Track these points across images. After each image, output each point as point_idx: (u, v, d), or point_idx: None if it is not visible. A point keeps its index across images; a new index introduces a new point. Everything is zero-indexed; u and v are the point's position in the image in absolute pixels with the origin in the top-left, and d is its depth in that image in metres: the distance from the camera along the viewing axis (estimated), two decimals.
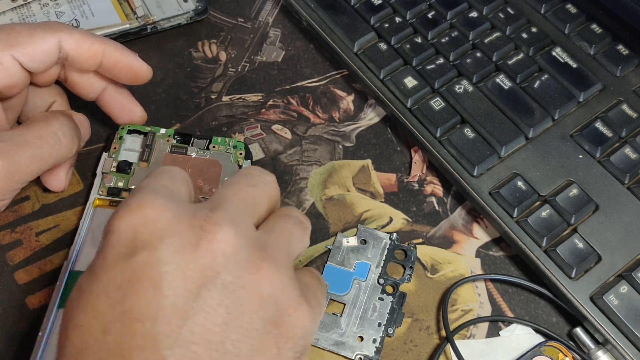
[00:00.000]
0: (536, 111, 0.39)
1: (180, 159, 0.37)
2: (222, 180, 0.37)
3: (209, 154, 0.38)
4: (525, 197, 0.35)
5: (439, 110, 0.39)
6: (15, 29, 0.32)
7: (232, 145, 0.38)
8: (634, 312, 0.32)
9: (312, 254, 0.37)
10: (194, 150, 0.38)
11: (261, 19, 0.48)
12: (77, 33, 0.33)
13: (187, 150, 0.38)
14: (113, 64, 0.35)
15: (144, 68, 0.36)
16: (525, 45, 0.42)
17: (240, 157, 0.38)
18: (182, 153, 0.38)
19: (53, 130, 0.32)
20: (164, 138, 0.38)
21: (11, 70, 0.31)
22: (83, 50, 0.33)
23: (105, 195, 0.36)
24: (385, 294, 0.35)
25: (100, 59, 0.34)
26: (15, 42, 0.31)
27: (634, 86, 0.40)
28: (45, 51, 0.32)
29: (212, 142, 0.38)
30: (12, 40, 0.31)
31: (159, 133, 0.38)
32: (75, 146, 0.34)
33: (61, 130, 0.32)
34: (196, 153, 0.38)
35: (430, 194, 0.39)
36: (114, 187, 0.37)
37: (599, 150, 0.37)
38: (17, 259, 0.36)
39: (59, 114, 0.34)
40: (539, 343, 0.33)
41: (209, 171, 0.37)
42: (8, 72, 0.31)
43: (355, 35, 0.43)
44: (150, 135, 0.38)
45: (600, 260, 0.34)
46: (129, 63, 0.35)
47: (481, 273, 0.36)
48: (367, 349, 0.33)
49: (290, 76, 0.44)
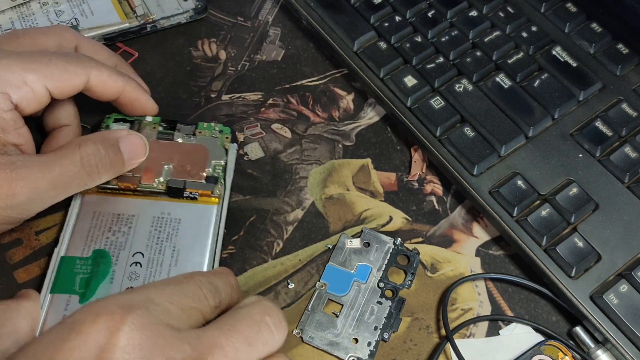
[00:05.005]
0: (536, 110, 0.39)
1: (167, 146, 0.37)
2: (209, 163, 0.37)
3: (195, 139, 0.38)
4: (525, 196, 0.35)
5: (439, 109, 0.39)
6: (52, 61, 0.33)
7: (218, 129, 0.38)
8: (633, 311, 0.32)
9: (312, 253, 0.37)
10: (181, 136, 0.38)
11: (261, 17, 0.48)
12: (106, 73, 0.35)
13: (173, 136, 0.38)
14: (128, 102, 0.37)
15: (153, 107, 0.39)
16: (525, 44, 0.42)
17: (227, 141, 0.38)
18: (169, 139, 0.38)
19: (76, 159, 0.32)
20: (150, 126, 0.38)
21: (42, 99, 0.33)
22: (106, 88, 0.36)
23: None
24: (384, 298, 0.35)
25: (118, 95, 0.37)
26: (50, 74, 0.33)
27: (634, 85, 0.40)
28: (75, 86, 0.34)
29: (198, 128, 0.38)
30: (47, 72, 0.33)
31: (145, 121, 0.38)
32: (101, 175, 0.34)
33: (86, 159, 0.33)
34: (182, 139, 0.38)
35: (430, 193, 0.39)
36: None
37: (599, 149, 0.37)
38: (17, 258, 0.36)
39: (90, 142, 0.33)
40: (539, 342, 0.33)
41: (196, 156, 0.37)
42: (39, 100, 0.33)
43: (355, 34, 0.43)
44: (137, 124, 0.38)
45: (600, 259, 0.34)
46: (141, 103, 0.38)
47: (481, 272, 0.36)
48: (361, 351, 0.33)
49: (290, 75, 0.44)
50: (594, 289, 0.33)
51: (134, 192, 0.36)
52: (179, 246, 0.34)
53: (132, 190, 0.36)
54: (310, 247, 0.37)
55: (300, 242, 0.37)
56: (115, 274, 0.33)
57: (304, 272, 0.36)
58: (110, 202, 0.36)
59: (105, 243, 0.34)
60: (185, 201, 0.36)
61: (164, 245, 0.34)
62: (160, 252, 0.34)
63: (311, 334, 0.34)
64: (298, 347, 0.33)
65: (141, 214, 0.35)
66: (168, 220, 0.35)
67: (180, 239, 0.35)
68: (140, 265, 0.34)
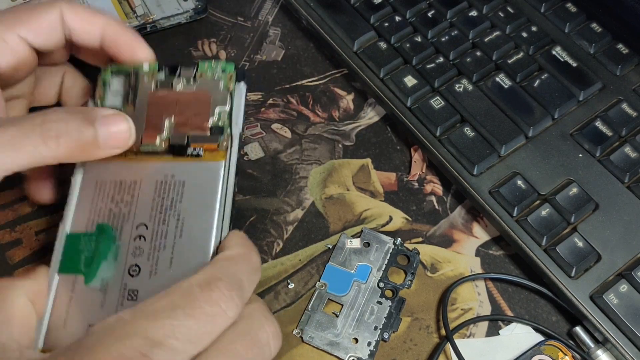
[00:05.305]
0: (536, 110, 0.39)
1: (166, 97, 0.33)
2: (212, 112, 0.32)
3: (196, 84, 0.33)
4: (525, 196, 0.35)
5: (439, 109, 0.39)
6: (16, 9, 0.31)
7: (220, 68, 0.34)
8: (633, 311, 0.32)
9: (312, 253, 0.37)
10: (180, 82, 0.33)
11: (261, 17, 0.48)
12: (78, 5, 0.33)
13: (172, 84, 0.33)
14: (114, 43, 0.33)
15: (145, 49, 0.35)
16: (525, 44, 0.42)
17: (231, 82, 0.33)
18: (168, 88, 0.33)
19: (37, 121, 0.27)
20: (148, 75, 0.34)
21: (18, 49, 0.31)
22: (84, 21, 0.33)
23: None
24: (384, 298, 0.35)
25: (102, 31, 0.33)
26: (18, 20, 0.31)
27: (634, 85, 0.40)
28: (49, 25, 0.31)
29: (198, 69, 0.34)
30: (15, 20, 0.30)
31: (142, 71, 0.34)
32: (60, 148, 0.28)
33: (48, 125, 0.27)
34: (183, 86, 0.33)
35: (430, 193, 0.39)
36: None
37: (599, 149, 0.37)
38: (17, 258, 0.36)
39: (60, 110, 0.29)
40: (539, 342, 0.33)
41: (198, 105, 0.33)
42: (15, 52, 0.30)
43: (355, 34, 0.43)
44: (134, 75, 0.34)
45: (600, 259, 0.34)
46: (130, 42, 0.34)
47: (481, 272, 0.36)
48: (361, 351, 0.33)
49: (290, 75, 0.44)
50: (594, 289, 0.33)
51: (135, 155, 0.32)
52: (183, 214, 0.31)
53: (133, 152, 0.32)
54: (310, 247, 0.37)
55: (300, 242, 0.37)
56: (120, 250, 0.31)
57: (304, 272, 0.36)
58: (111, 168, 0.32)
59: (108, 215, 0.32)
60: (189, 159, 0.32)
61: (167, 214, 0.31)
62: (164, 222, 0.31)
63: (311, 334, 0.34)
64: (298, 347, 0.33)
65: (144, 180, 0.32)
66: (172, 184, 0.32)
67: (184, 205, 0.31)
68: (144, 239, 0.31)
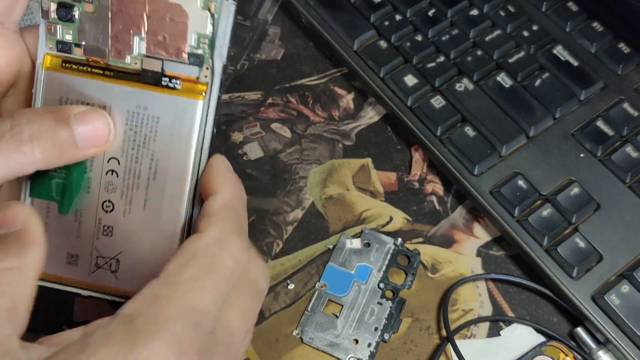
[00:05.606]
0: (537, 110, 0.38)
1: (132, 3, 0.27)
2: (190, 37, 0.27)
3: None
4: (526, 196, 0.35)
5: (440, 109, 0.39)
6: None
7: None
8: (635, 311, 0.32)
9: (312, 254, 0.37)
10: None
11: (260, 16, 0.47)
12: None
13: None
14: None
15: None
16: (526, 44, 0.42)
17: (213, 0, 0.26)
18: None
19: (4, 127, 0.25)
20: None
21: None
22: None
23: (55, 51, 0.28)
24: (384, 298, 0.35)
25: None
26: None
27: (635, 84, 0.40)
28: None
29: None
30: None
31: None
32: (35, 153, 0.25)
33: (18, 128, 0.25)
34: None
35: (430, 193, 0.39)
36: (61, 41, 0.28)
37: (600, 149, 0.37)
38: None
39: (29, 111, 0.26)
40: (540, 343, 0.33)
41: (172, 22, 0.27)
42: None
43: (355, 33, 0.43)
44: None
45: (601, 259, 0.34)
46: None
47: (482, 272, 0.36)
48: (361, 352, 0.33)
49: (289, 74, 0.44)
50: (596, 289, 0.33)
51: (103, 72, 0.28)
52: (157, 154, 0.28)
53: (101, 68, 0.28)
54: (310, 247, 0.37)
55: (300, 242, 0.37)
56: (92, 183, 0.28)
57: (304, 272, 0.36)
58: (78, 85, 0.28)
59: None
60: (164, 91, 0.28)
61: (140, 151, 0.28)
62: (137, 160, 0.28)
63: (311, 335, 0.33)
64: (298, 348, 0.33)
65: (114, 106, 0.28)
66: (144, 118, 0.28)
67: (158, 145, 0.28)
68: (117, 175, 0.29)
